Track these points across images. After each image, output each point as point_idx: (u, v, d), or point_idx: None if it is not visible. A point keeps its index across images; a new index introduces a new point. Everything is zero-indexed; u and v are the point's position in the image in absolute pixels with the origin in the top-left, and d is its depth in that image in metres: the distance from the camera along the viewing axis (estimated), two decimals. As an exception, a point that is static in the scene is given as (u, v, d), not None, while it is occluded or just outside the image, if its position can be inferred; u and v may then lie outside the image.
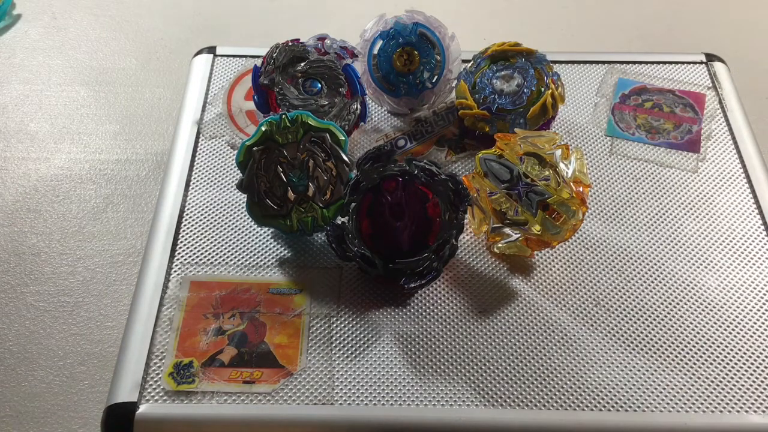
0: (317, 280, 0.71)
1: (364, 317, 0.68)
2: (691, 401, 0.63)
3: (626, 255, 0.74)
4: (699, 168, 0.82)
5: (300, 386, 0.63)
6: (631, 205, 0.79)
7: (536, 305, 0.70)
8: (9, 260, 0.98)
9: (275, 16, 1.37)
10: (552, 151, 0.69)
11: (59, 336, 0.90)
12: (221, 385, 0.63)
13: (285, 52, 0.79)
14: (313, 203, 0.70)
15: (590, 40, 1.33)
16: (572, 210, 0.68)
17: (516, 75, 0.80)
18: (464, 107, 0.81)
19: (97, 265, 0.98)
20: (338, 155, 0.70)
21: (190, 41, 1.31)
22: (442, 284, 0.71)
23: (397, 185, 0.69)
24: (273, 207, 0.70)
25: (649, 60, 0.94)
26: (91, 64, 1.27)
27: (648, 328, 0.68)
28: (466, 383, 0.64)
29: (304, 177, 0.70)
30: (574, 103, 0.89)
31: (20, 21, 1.33)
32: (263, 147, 0.70)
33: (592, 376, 0.65)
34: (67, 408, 0.84)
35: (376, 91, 0.85)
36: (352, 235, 0.68)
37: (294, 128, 0.70)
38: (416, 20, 0.83)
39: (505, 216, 0.71)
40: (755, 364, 0.66)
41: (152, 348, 0.65)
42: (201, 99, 0.88)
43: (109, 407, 0.62)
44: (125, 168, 1.10)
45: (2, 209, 1.04)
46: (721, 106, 0.88)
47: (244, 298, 0.69)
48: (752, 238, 0.76)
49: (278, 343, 0.66)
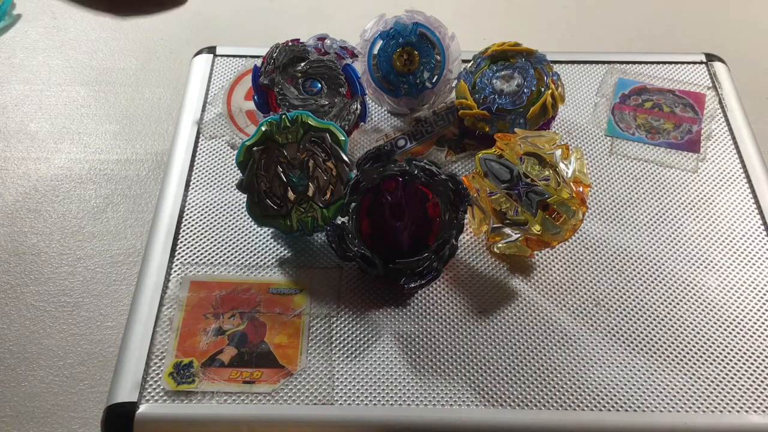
0: (317, 280, 0.71)
1: (364, 317, 0.68)
2: (691, 401, 0.63)
3: (626, 255, 0.74)
4: (699, 168, 0.82)
5: (300, 386, 0.63)
6: (631, 205, 0.79)
7: (536, 305, 0.70)
8: (9, 260, 0.98)
9: (275, 16, 1.37)
10: (552, 151, 0.69)
11: (59, 336, 0.90)
12: (221, 385, 0.63)
13: (285, 52, 0.79)
14: (313, 203, 0.70)
15: (590, 40, 1.32)
16: (572, 210, 0.68)
17: (516, 75, 0.80)
18: (464, 107, 0.81)
19: (97, 265, 0.98)
20: (338, 155, 0.70)
21: (190, 41, 1.31)
22: (442, 284, 0.71)
23: (397, 185, 0.69)
24: (273, 207, 0.70)
25: (649, 60, 0.94)
26: (91, 64, 1.27)
27: (648, 328, 0.68)
28: (466, 383, 0.64)
29: (304, 177, 0.70)
30: (574, 103, 0.89)
31: (20, 21, 1.33)
32: (263, 147, 0.70)
33: (592, 376, 0.65)
34: (67, 408, 0.84)
35: (376, 91, 0.85)
36: (352, 235, 0.68)
37: (294, 128, 0.70)
38: (416, 20, 0.83)
39: (505, 216, 0.71)
40: (755, 364, 0.66)
41: (152, 348, 0.65)
42: (201, 99, 0.88)
43: (109, 407, 0.62)
44: (125, 168, 1.10)
45: (2, 209, 1.04)
46: (721, 106, 0.88)
47: (244, 298, 0.69)
48: (752, 238, 0.76)
49: (278, 343, 0.66)
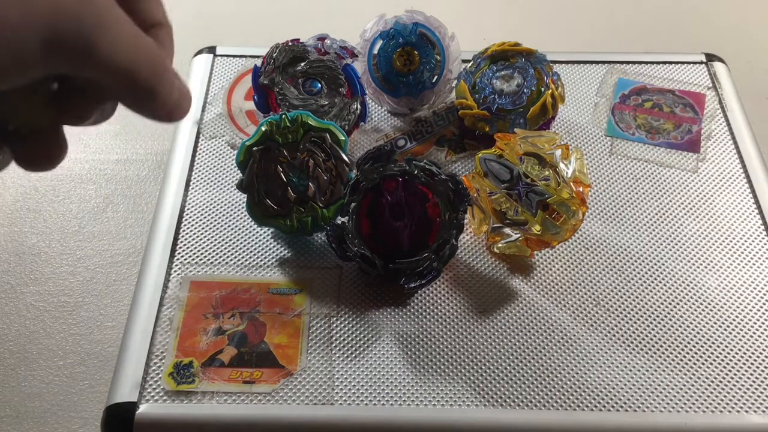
0: (317, 280, 0.71)
1: (364, 317, 0.68)
2: (691, 401, 0.63)
3: (626, 255, 0.74)
4: (699, 168, 0.82)
5: (300, 386, 0.63)
6: (631, 205, 0.79)
7: (536, 305, 0.70)
8: (9, 260, 0.98)
9: (275, 16, 1.37)
10: (552, 151, 0.69)
11: (59, 336, 0.90)
12: (221, 385, 0.63)
13: (285, 52, 0.79)
14: (313, 203, 0.70)
15: (590, 40, 1.32)
16: (572, 210, 0.67)
17: (516, 75, 0.80)
18: (464, 107, 0.81)
19: (97, 265, 0.98)
20: (338, 155, 0.70)
21: (190, 41, 1.31)
22: (442, 284, 0.71)
23: (397, 185, 0.69)
24: (273, 207, 0.70)
25: (649, 60, 0.94)
26: (91, 64, 1.28)
27: (648, 328, 0.68)
28: (466, 383, 0.64)
29: (304, 177, 0.70)
30: (574, 103, 0.89)
31: (20, 21, 1.33)
32: (263, 147, 0.70)
33: (592, 376, 0.65)
34: (67, 408, 0.84)
35: (376, 91, 0.85)
36: (352, 235, 0.68)
37: (294, 128, 0.70)
38: (416, 20, 0.82)
39: (505, 216, 0.71)
40: (755, 364, 0.66)
41: (152, 348, 0.65)
42: (201, 99, 0.88)
43: (109, 407, 0.62)
44: (125, 168, 1.10)
45: (2, 209, 1.04)
46: (721, 106, 0.88)
47: (244, 298, 0.69)
48: (752, 238, 0.76)
49: (278, 343, 0.66)
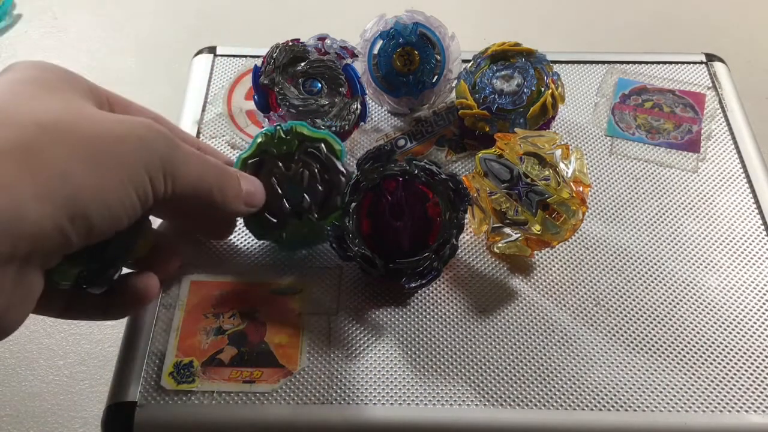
0: (317, 280, 0.71)
1: (364, 317, 0.68)
2: (691, 401, 0.63)
3: (626, 255, 0.74)
4: (699, 168, 0.82)
5: (300, 386, 0.63)
6: (631, 205, 0.79)
7: (536, 305, 0.70)
8: (9, 260, 0.98)
9: (275, 16, 1.37)
10: (552, 151, 0.69)
11: (59, 336, 0.90)
12: (221, 384, 0.63)
13: (285, 52, 0.79)
14: (309, 216, 0.69)
15: (590, 40, 1.32)
16: (572, 210, 0.67)
17: (516, 75, 0.80)
18: (464, 107, 0.81)
19: (97, 265, 0.97)
20: (333, 166, 0.69)
21: (190, 41, 1.31)
22: (442, 284, 0.71)
23: (397, 185, 0.69)
24: (270, 220, 0.69)
25: (649, 60, 0.94)
26: (91, 64, 1.27)
27: (648, 328, 0.68)
28: (466, 383, 0.64)
29: (299, 189, 0.69)
30: (574, 103, 0.89)
31: (20, 21, 1.33)
32: (258, 159, 0.69)
33: (592, 376, 0.65)
34: (67, 408, 0.84)
35: (376, 91, 0.85)
36: (353, 235, 0.68)
37: (289, 139, 0.69)
38: (416, 20, 0.82)
39: (505, 216, 0.71)
40: (755, 364, 0.66)
41: (152, 348, 0.65)
42: (201, 99, 0.88)
43: (109, 407, 0.62)
44: (125, 168, 1.10)
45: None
46: (721, 106, 0.88)
47: (244, 298, 0.69)
48: (752, 238, 0.76)
49: (278, 342, 0.66)
